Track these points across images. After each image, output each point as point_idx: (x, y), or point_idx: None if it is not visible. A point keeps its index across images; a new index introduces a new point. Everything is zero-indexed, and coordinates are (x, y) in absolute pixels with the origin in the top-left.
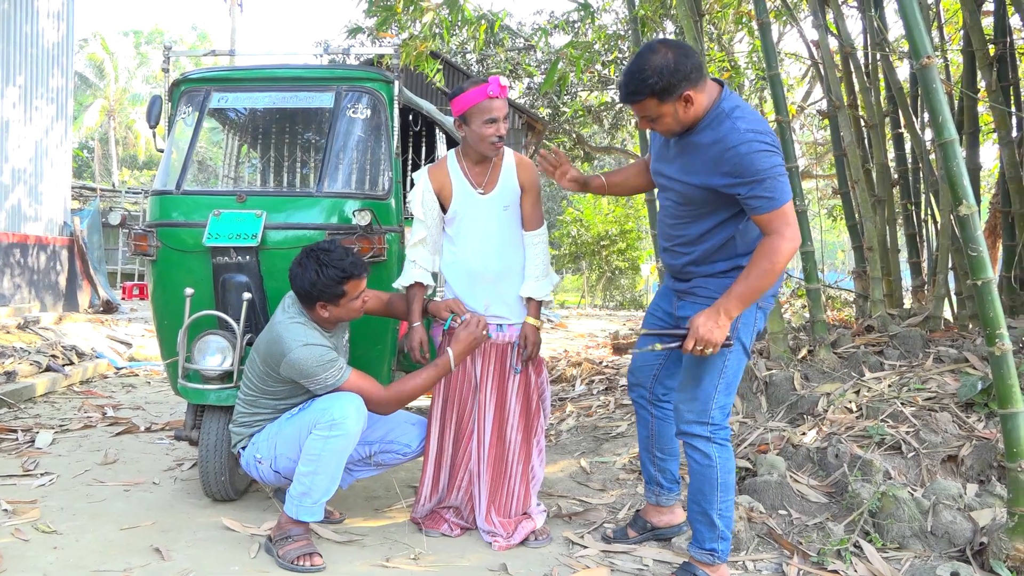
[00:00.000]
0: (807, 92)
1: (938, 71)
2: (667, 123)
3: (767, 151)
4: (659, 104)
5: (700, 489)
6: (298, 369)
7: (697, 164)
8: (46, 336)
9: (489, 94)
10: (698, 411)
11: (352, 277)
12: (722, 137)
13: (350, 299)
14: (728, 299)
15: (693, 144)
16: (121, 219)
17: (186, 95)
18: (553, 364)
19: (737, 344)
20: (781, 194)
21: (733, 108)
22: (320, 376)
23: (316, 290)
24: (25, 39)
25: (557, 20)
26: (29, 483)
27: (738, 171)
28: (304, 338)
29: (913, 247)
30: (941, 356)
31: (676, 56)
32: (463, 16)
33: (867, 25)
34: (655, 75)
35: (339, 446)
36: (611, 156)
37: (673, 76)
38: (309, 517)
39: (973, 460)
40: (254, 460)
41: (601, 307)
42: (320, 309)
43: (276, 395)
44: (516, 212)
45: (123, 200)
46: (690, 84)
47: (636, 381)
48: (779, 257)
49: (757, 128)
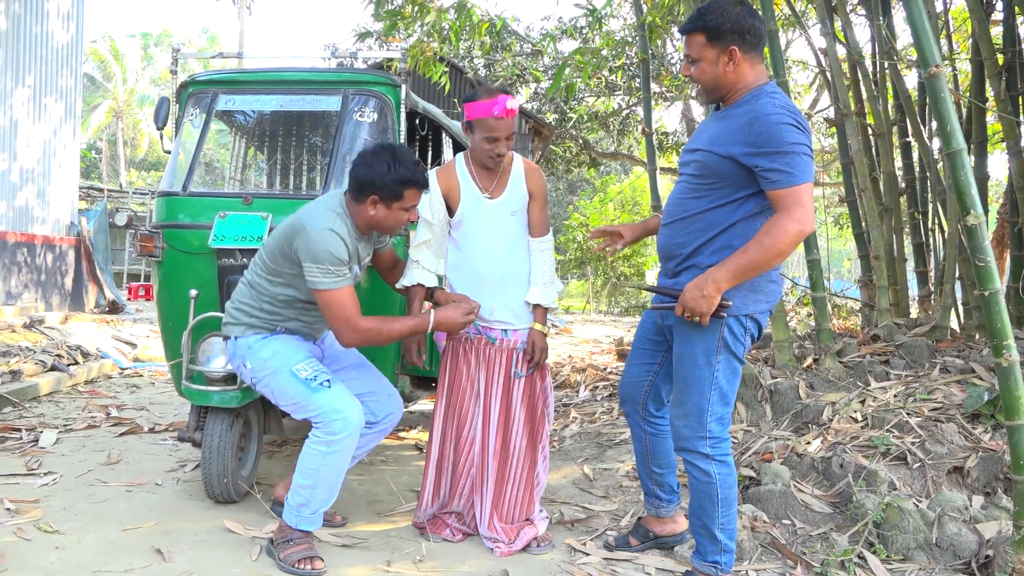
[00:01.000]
0: (814, 100)
1: (946, 80)
2: (704, 70)
3: (796, 128)
4: (705, 44)
5: (701, 505)
6: (309, 247)
7: (726, 133)
8: (52, 336)
9: (494, 113)
10: (694, 425)
11: (416, 185)
12: (756, 107)
13: (402, 206)
14: (720, 269)
15: (729, 116)
16: (127, 220)
17: (194, 97)
18: (557, 370)
19: (725, 353)
20: (802, 172)
21: (774, 90)
22: (321, 266)
23: (379, 183)
24: (35, 39)
25: (565, 25)
26: (32, 482)
27: (763, 140)
28: (333, 225)
29: (920, 256)
30: (947, 366)
31: (741, 10)
32: (471, 19)
33: (875, 33)
34: (713, 13)
35: (336, 462)
36: (617, 161)
37: (727, 22)
38: (308, 527)
39: (979, 472)
40: (242, 361)
41: (606, 313)
42: (370, 205)
43: (275, 279)
44: (523, 218)
45: (130, 201)
46: (740, 41)
47: (627, 397)
48: (783, 236)
49: (792, 108)
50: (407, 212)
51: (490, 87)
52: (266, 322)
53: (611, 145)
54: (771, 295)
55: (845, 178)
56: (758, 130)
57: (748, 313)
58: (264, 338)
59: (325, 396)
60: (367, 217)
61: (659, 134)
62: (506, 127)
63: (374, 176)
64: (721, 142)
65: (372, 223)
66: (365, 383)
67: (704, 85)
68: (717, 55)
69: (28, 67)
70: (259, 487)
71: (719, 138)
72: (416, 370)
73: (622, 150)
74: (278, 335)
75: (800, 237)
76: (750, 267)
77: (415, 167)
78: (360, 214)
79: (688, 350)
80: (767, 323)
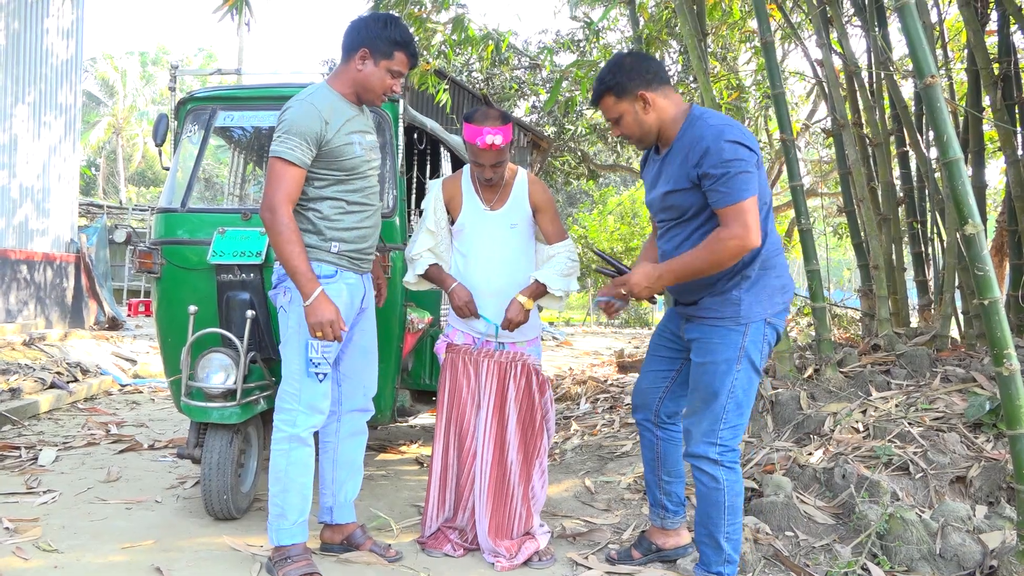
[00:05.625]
0: (811, 110)
1: (942, 90)
2: (628, 124)
3: (731, 144)
4: (616, 101)
5: (707, 512)
6: (282, 115)
7: (674, 167)
8: (51, 353)
9: (477, 144)
10: (706, 431)
11: (407, 51)
12: (692, 135)
13: (389, 67)
14: (669, 267)
15: (673, 152)
16: (126, 237)
17: (192, 114)
18: (558, 382)
19: (746, 362)
20: (738, 191)
21: (701, 112)
22: (282, 133)
23: (372, 34)
24: (35, 56)
25: (562, 39)
26: (31, 501)
27: (702, 160)
28: (311, 95)
29: (919, 265)
30: (948, 375)
31: (632, 59)
32: (467, 36)
33: (871, 44)
34: (609, 73)
35: (300, 457)
36: (616, 174)
37: (624, 75)
38: (290, 539)
39: (982, 481)
40: (284, 288)
41: (606, 325)
42: (359, 60)
43: (311, 182)
44: (525, 231)
45: (129, 217)
46: (645, 85)
47: (641, 403)
48: (722, 249)
49: (728, 122)
50: (392, 78)
51: (487, 112)
52: (322, 240)
53: (610, 157)
54: (786, 297)
55: (843, 188)
56: (699, 151)
57: (766, 318)
58: (320, 279)
59: (310, 385)
60: (353, 74)
61: None
62: (491, 156)
63: (369, 30)
64: (673, 177)
65: (357, 82)
66: (357, 368)
67: (635, 137)
68: (632, 106)
69: (29, 84)
70: (259, 503)
71: (670, 175)
72: (416, 384)
73: (621, 162)
74: (333, 281)
75: (738, 250)
76: (692, 272)
77: (411, 37)
78: (347, 73)
79: (710, 359)
80: (783, 327)
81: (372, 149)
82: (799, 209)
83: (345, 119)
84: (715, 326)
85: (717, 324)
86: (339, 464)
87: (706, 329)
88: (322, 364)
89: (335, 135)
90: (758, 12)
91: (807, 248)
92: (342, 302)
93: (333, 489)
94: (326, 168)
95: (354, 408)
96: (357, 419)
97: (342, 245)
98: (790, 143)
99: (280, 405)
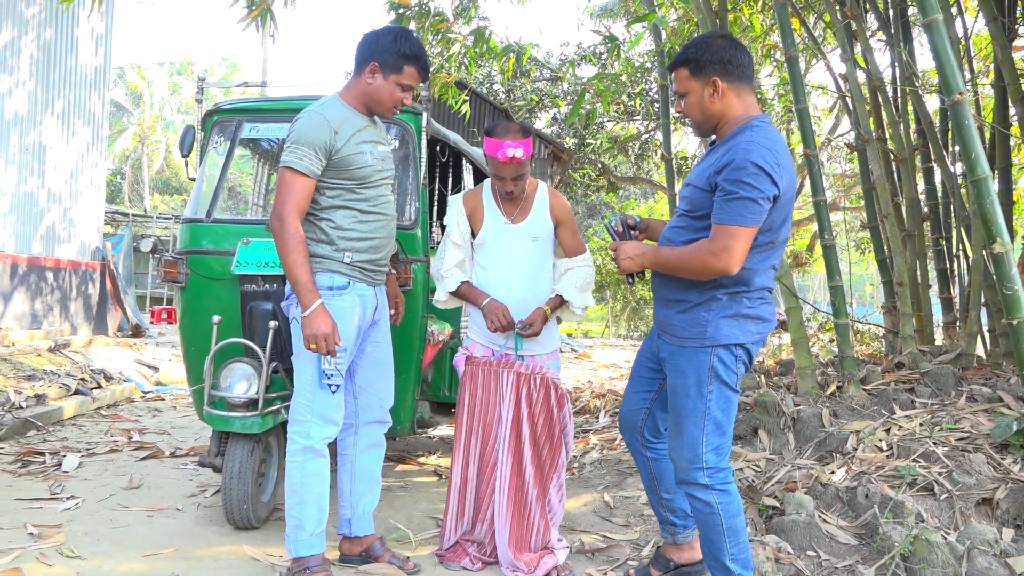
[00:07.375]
0: (834, 124)
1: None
2: (692, 103)
3: (757, 168)
4: (689, 77)
5: (708, 537)
6: (292, 126)
7: (705, 165)
8: (75, 359)
9: (498, 157)
10: (689, 457)
11: (419, 64)
12: (735, 143)
13: (399, 81)
14: (657, 253)
15: (715, 150)
16: (153, 246)
17: (218, 125)
18: (577, 395)
19: (716, 383)
20: (735, 216)
21: (760, 125)
22: (292, 144)
23: (382, 48)
24: (65, 65)
25: (584, 52)
26: (55, 507)
27: (723, 169)
28: (321, 106)
29: (944, 282)
30: (974, 395)
31: (721, 42)
32: (489, 47)
33: (896, 58)
34: (694, 47)
35: (315, 468)
36: (636, 186)
37: (707, 54)
38: (308, 550)
39: (1009, 504)
40: (294, 301)
41: (625, 337)
42: (368, 74)
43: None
44: (546, 244)
45: (154, 225)
46: (722, 71)
47: (626, 425)
48: (696, 258)
49: (770, 148)
50: (403, 91)
51: (508, 126)
52: (335, 250)
53: (630, 170)
54: (761, 328)
55: (867, 203)
56: (722, 162)
57: (738, 343)
58: (331, 290)
59: (323, 397)
60: (364, 87)
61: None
62: (512, 170)
63: (379, 44)
64: (704, 176)
65: (367, 94)
66: (373, 380)
67: (693, 118)
68: (701, 87)
69: (58, 92)
70: (279, 513)
71: (704, 172)
72: (436, 395)
73: (641, 175)
74: (346, 293)
75: (712, 268)
76: (669, 267)
77: (423, 50)
78: (358, 86)
79: (680, 381)
80: (758, 352)
81: (385, 159)
82: (822, 224)
83: (355, 129)
84: (682, 346)
85: (685, 344)
86: (357, 476)
87: (674, 349)
88: (335, 376)
89: (345, 144)
90: (782, 27)
91: (830, 264)
92: (354, 315)
93: (352, 501)
94: (337, 177)
95: (371, 420)
96: (375, 431)
97: (355, 255)
98: (813, 158)
99: (294, 417)
